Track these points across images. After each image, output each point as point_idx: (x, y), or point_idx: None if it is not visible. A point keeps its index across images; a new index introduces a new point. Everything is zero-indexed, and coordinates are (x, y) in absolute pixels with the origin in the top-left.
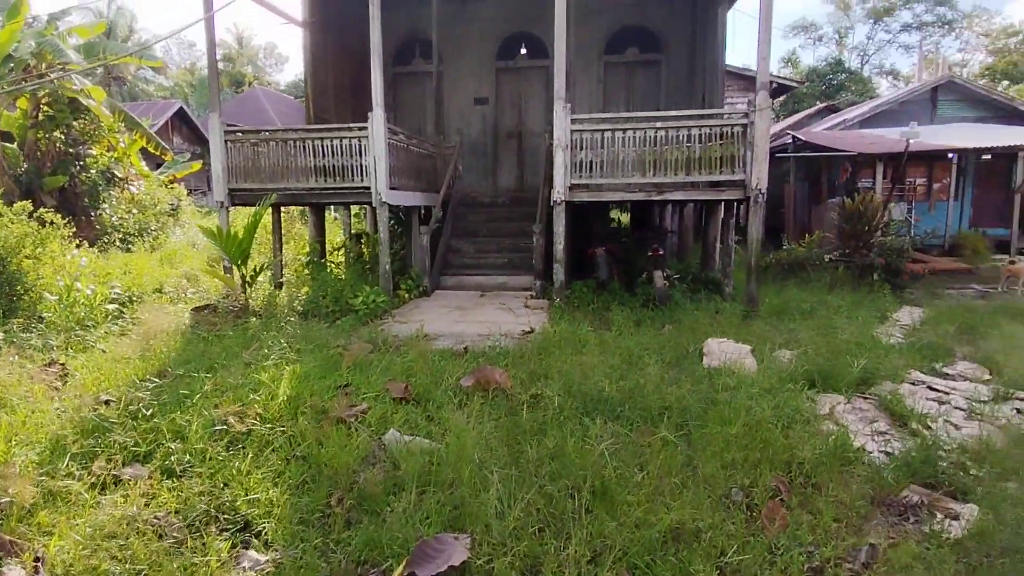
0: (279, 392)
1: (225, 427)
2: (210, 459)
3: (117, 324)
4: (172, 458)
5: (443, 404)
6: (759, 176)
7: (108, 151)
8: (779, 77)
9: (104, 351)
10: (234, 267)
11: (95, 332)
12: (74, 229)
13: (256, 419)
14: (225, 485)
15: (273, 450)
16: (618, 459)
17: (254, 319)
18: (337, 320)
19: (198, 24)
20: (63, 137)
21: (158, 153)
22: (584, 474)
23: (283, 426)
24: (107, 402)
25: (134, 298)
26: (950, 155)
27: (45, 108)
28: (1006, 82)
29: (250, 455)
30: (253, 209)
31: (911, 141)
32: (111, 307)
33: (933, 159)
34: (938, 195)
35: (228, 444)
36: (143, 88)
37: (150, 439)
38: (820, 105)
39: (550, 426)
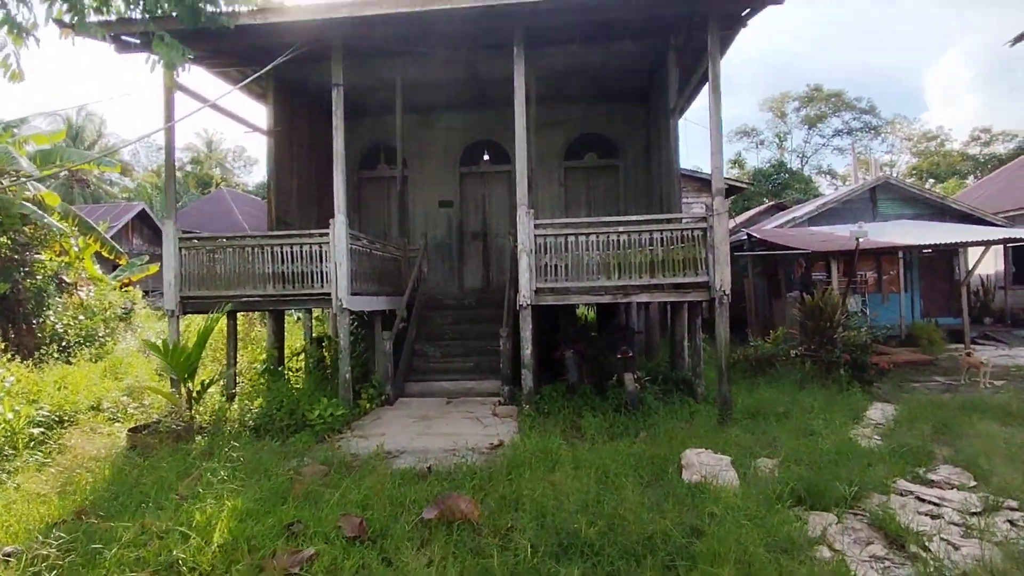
0: (214, 538)
1: None
2: None
3: (40, 452)
4: None
5: (402, 543)
6: (722, 278)
7: (59, 255)
8: (730, 179)
9: (18, 487)
10: (180, 382)
11: (12, 463)
12: (12, 338)
13: None
14: None
15: None
16: None
17: (200, 438)
18: (292, 436)
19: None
20: (9, 243)
21: (112, 257)
22: None
23: None
24: (8, 557)
25: (65, 419)
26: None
27: None
28: (931, 180)
29: None
30: (211, 315)
31: (860, 240)
32: (35, 431)
33: (880, 252)
34: (889, 287)
35: None
36: (107, 190)
37: None
38: (769, 203)
39: (522, 572)
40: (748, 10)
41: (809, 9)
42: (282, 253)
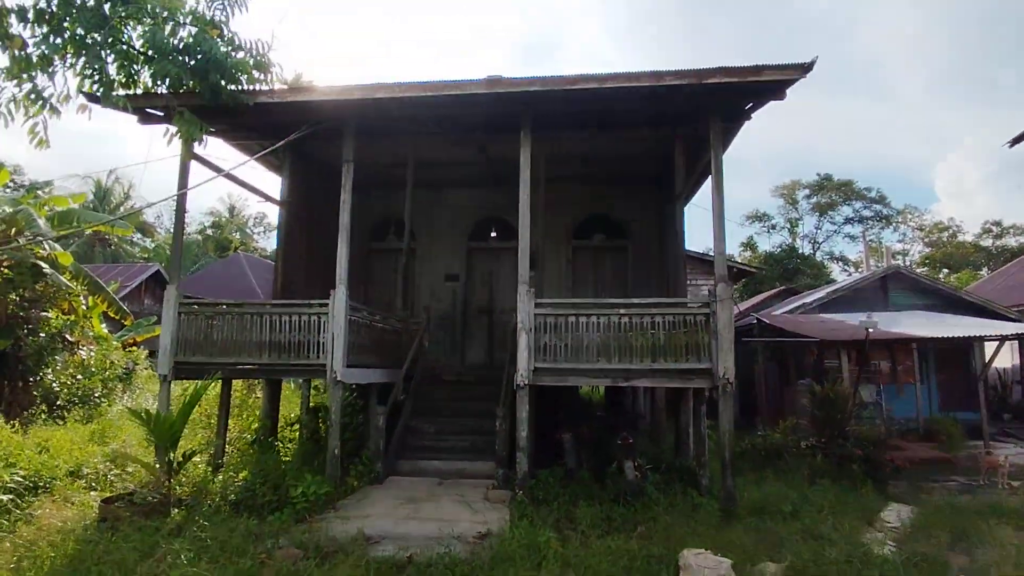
0: None
1: None
2: None
3: (4, 521)
4: None
5: None
6: (726, 366)
7: (67, 313)
8: (740, 263)
9: None
10: (162, 451)
11: None
12: (7, 396)
13: None
14: None
15: None
16: None
17: (176, 512)
18: (273, 513)
19: (192, 191)
20: (17, 300)
21: (118, 317)
22: None
23: None
24: None
25: (40, 485)
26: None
27: (6, 271)
28: (945, 270)
29: None
30: (199, 382)
31: (870, 330)
32: (5, 498)
33: (893, 343)
34: (904, 378)
35: None
36: (127, 250)
37: None
38: (780, 287)
39: None
40: (751, 104)
41: (817, 102)
42: (280, 322)
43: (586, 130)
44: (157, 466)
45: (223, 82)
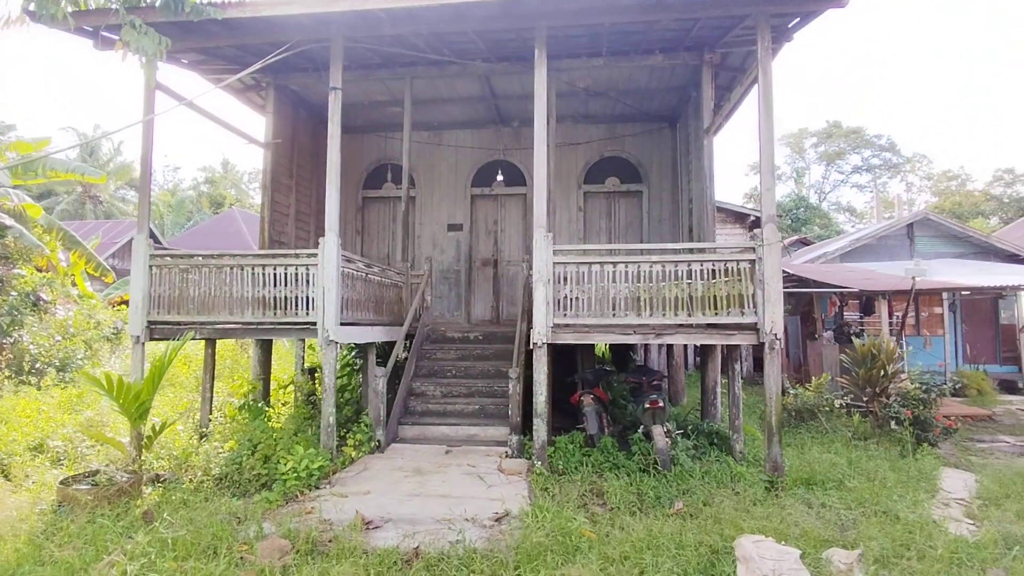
0: None
1: None
2: None
3: None
4: None
5: None
6: (773, 319)
7: (44, 271)
8: (750, 209)
9: None
10: (130, 424)
11: None
12: None
13: None
14: None
15: None
16: None
17: (151, 491)
18: (261, 491)
19: (187, 145)
20: None
21: (98, 275)
22: None
23: None
24: None
25: None
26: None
27: None
28: (955, 219)
29: None
30: (171, 342)
31: (916, 279)
32: None
33: (921, 293)
34: (931, 330)
35: None
36: (120, 207)
37: None
38: (793, 237)
39: None
40: (797, 20)
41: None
42: (264, 275)
43: (605, 57)
44: (126, 441)
45: None
